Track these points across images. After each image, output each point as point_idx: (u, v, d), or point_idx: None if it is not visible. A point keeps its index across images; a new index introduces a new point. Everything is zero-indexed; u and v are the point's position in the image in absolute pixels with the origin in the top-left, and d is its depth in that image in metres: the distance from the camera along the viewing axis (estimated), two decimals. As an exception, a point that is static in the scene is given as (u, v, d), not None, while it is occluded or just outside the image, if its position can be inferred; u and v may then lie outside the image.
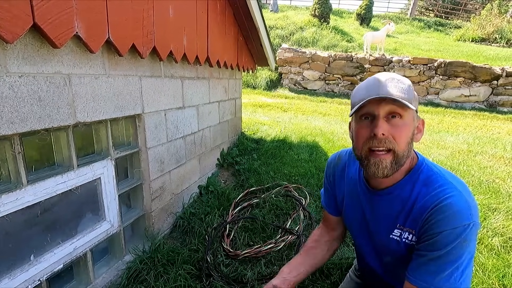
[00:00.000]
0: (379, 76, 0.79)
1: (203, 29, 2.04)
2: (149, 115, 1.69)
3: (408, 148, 0.79)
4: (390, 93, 0.74)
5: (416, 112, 0.80)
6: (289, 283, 0.97)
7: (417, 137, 0.83)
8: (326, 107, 6.67)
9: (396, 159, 0.78)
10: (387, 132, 0.76)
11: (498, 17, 11.48)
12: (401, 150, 0.77)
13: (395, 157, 0.77)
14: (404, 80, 0.78)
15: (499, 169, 2.83)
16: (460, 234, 0.72)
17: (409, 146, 0.79)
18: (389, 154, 0.77)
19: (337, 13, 13.41)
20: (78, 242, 1.35)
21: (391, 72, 5.40)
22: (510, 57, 8.67)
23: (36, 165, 1.18)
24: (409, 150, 0.80)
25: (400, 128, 0.76)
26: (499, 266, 1.57)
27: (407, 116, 0.76)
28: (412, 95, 0.76)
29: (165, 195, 1.95)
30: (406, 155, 0.79)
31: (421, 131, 0.84)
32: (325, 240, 1.13)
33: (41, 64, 1.06)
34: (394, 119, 0.76)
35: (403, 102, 0.73)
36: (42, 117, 1.08)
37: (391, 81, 0.76)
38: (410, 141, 0.79)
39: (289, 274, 1.00)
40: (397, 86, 0.75)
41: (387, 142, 0.76)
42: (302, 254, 1.10)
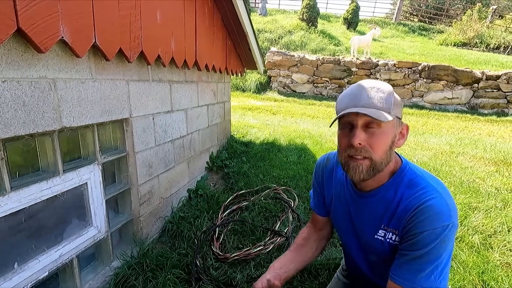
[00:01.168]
0: (361, 85, 0.81)
1: (191, 33, 2.05)
2: (137, 119, 1.68)
3: (386, 155, 0.82)
4: (369, 104, 0.77)
5: (398, 118, 0.82)
6: (280, 278, 0.99)
7: (399, 142, 0.85)
8: (315, 110, 6.75)
9: (374, 166, 0.82)
10: (364, 141, 0.80)
11: (478, 23, 11.93)
12: (378, 158, 0.81)
13: (372, 164, 0.81)
14: (385, 88, 0.80)
15: (479, 169, 2.94)
16: (440, 234, 0.76)
17: (387, 153, 0.82)
18: (366, 160, 0.81)
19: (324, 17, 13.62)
20: (63, 248, 1.33)
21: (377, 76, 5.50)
22: (489, 61, 9.01)
23: (20, 171, 1.16)
24: (388, 156, 0.83)
25: (377, 137, 0.79)
26: (479, 263, 1.63)
27: (385, 125, 0.79)
28: (391, 103, 0.78)
29: (153, 200, 1.94)
30: (384, 162, 0.82)
31: (404, 136, 0.86)
32: (314, 239, 1.16)
33: (26, 69, 1.05)
34: (372, 129, 0.79)
35: (377, 119, 0.75)
36: (26, 122, 1.07)
37: (371, 91, 0.78)
38: (388, 148, 0.81)
39: (280, 269, 1.02)
40: (376, 96, 0.78)
41: (363, 151, 0.80)
42: (292, 251, 1.12)
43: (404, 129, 0.85)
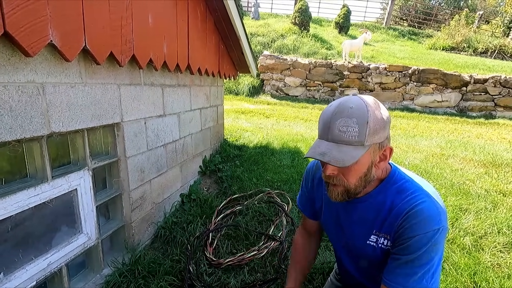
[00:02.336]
0: (336, 112, 0.76)
1: (184, 37, 2.04)
2: (129, 124, 1.66)
3: (361, 181, 0.82)
4: (339, 139, 0.75)
5: (379, 143, 0.78)
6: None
7: (379, 165, 0.83)
8: (308, 113, 6.79)
9: (347, 192, 0.84)
10: (337, 171, 0.81)
11: (465, 27, 12.23)
12: (352, 185, 0.82)
13: (346, 190, 0.83)
14: (360, 117, 0.73)
15: (469, 171, 2.99)
16: (431, 238, 0.76)
17: (362, 179, 0.82)
18: (340, 187, 0.83)
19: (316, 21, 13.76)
20: (52, 257, 1.29)
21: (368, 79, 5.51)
22: (477, 65, 9.23)
23: (7, 177, 1.13)
24: (364, 181, 0.83)
25: (349, 168, 0.79)
26: (470, 264, 1.65)
27: (361, 157, 0.76)
28: (365, 134, 0.73)
29: (145, 205, 1.91)
30: (360, 187, 0.83)
31: (386, 158, 0.83)
32: (310, 248, 1.19)
33: (13, 73, 1.02)
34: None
35: (341, 167, 0.74)
36: (13, 127, 1.04)
37: (343, 123, 0.74)
38: (363, 175, 0.81)
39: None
40: (349, 130, 0.74)
41: (335, 180, 0.83)
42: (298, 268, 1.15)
43: (386, 150, 0.81)
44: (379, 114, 0.76)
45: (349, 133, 0.74)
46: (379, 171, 0.86)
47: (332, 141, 0.76)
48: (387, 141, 0.81)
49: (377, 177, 0.87)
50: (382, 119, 0.76)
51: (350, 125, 0.74)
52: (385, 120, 0.77)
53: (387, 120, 0.78)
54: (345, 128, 0.74)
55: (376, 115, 0.75)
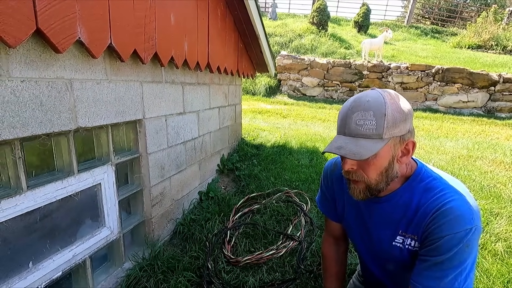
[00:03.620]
0: (352, 107, 0.74)
1: (204, 36, 2.06)
2: (150, 121, 1.69)
3: (382, 177, 0.79)
4: (356, 132, 0.73)
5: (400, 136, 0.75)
6: None
7: (402, 159, 0.79)
8: (325, 113, 6.69)
9: (369, 188, 0.81)
10: (356, 166, 0.79)
11: (493, 25, 11.63)
12: (373, 181, 0.79)
13: (367, 186, 0.80)
14: (377, 109, 0.71)
15: (500, 174, 2.83)
16: (463, 239, 0.72)
17: (384, 175, 0.78)
18: (361, 183, 0.81)
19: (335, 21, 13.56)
20: (77, 249, 1.33)
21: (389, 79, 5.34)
22: (506, 63, 8.76)
23: (36, 170, 1.17)
24: (387, 177, 0.79)
25: (368, 163, 0.76)
26: (503, 271, 1.55)
27: (381, 150, 0.73)
28: (383, 127, 0.71)
29: (165, 201, 1.94)
30: (382, 183, 0.80)
31: (409, 152, 0.79)
32: (340, 257, 1.15)
33: (43, 69, 1.06)
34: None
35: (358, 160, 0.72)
36: (43, 122, 1.08)
37: (360, 116, 0.72)
38: (384, 170, 0.77)
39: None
40: (366, 123, 0.72)
41: (355, 176, 0.80)
42: (335, 282, 1.13)
43: (409, 144, 0.77)
44: (398, 106, 0.73)
45: (366, 126, 0.72)
46: (403, 166, 0.82)
47: (350, 135, 0.74)
48: (410, 134, 0.77)
49: (401, 175, 0.83)
50: (402, 111, 0.73)
51: (367, 118, 0.72)
52: (405, 112, 0.74)
53: (408, 112, 0.75)
54: (362, 121, 0.72)
55: (395, 107, 0.72)
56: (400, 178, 0.83)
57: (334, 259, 1.13)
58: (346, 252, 1.18)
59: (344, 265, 1.17)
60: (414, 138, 0.79)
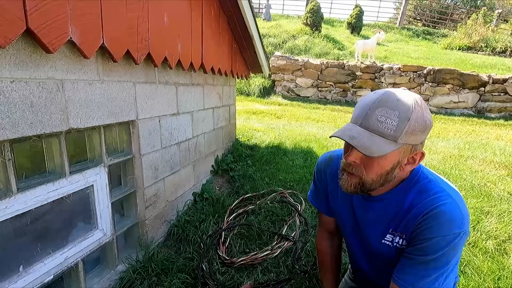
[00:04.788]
0: (381, 100, 0.72)
1: (198, 36, 2.05)
2: (143, 122, 1.67)
3: (380, 178, 0.78)
4: (374, 128, 0.71)
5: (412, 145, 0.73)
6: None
7: (405, 167, 0.78)
8: (319, 114, 6.72)
9: (363, 185, 0.79)
10: (359, 160, 0.77)
11: (483, 27, 11.87)
12: (369, 180, 0.78)
13: (361, 182, 0.79)
14: (404, 111, 0.69)
15: (490, 173, 2.88)
16: (450, 242, 0.73)
17: (382, 177, 0.78)
18: (356, 177, 0.79)
19: (328, 22, 13.66)
20: (69, 251, 1.31)
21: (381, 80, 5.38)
22: (495, 64, 8.94)
23: (27, 172, 1.15)
24: (383, 179, 0.79)
25: (372, 161, 0.75)
26: (494, 269, 1.58)
27: (390, 153, 0.72)
28: (401, 132, 0.69)
29: (159, 203, 1.92)
30: (377, 183, 0.79)
31: (414, 162, 0.78)
32: (335, 251, 1.16)
33: (34, 69, 1.04)
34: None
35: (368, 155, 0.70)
36: (34, 123, 1.06)
37: (384, 112, 0.70)
38: (385, 173, 0.77)
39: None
40: (387, 121, 0.70)
41: (355, 170, 0.79)
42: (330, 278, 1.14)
43: (417, 155, 0.77)
44: (424, 116, 0.72)
45: (387, 124, 0.69)
46: (403, 173, 0.82)
47: (366, 128, 0.72)
48: (421, 145, 0.76)
49: (398, 178, 0.83)
50: (425, 122, 0.72)
51: (390, 117, 0.69)
52: (427, 124, 0.73)
53: (429, 125, 0.73)
54: (384, 118, 0.70)
55: (421, 116, 0.71)
56: (396, 179, 0.83)
57: (329, 253, 1.14)
58: (341, 246, 1.18)
59: (339, 259, 1.17)
60: (422, 149, 0.78)
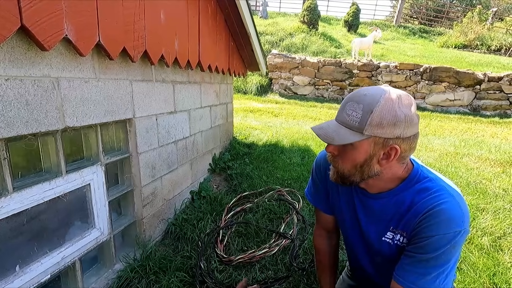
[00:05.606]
0: (350, 96, 0.79)
1: (195, 34, 2.04)
2: (140, 120, 1.66)
3: (355, 171, 0.82)
4: (343, 121, 0.78)
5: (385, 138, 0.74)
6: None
7: (382, 162, 0.79)
8: (317, 112, 6.74)
9: (342, 176, 0.85)
10: (337, 152, 0.83)
11: (478, 25, 11.94)
12: (346, 171, 0.83)
13: (340, 174, 0.85)
14: (368, 105, 0.73)
15: (485, 171, 2.91)
16: (451, 240, 0.73)
17: (357, 169, 0.81)
18: (335, 167, 0.87)
19: (325, 20, 13.66)
20: (66, 251, 1.30)
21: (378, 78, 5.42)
22: (491, 62, 9.01)
23: (23, 171, 1.14)
24: (360, 173, 0.81)
25: (346, 152, 0.80)
26: (489, 265, 1.60)
27: (357, 143, 0.76)
28: (365, 123, 0.72)
29: (156, 201, 1.91)
30: (356, 176, 0.83)
31: (389, 157, 0.77)
32: (332, 249, 1.17)
33: (29, 67, 1.03)
34: (346, 145, 0.79)
35: (330, 143, 0.79)
36: (29, 121, 1.05)
37: (351, 107, 0.76)
38: (358, 165, 0.80)
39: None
40: (353, 114, 0.75)
41: (333, 160, 0.86)
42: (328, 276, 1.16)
43: (391, 150, 0.76)
44: (393, 109, 0.71)
45: (352, 117, 0.75)
46: (393, 168, 0.81)
47: (338, 121, 0.79)
48: (399, 141, 0.74)
49: (396, 175, 0.84)
50: (395, 116, 0.71)
51: (356, 110, 0.75)
52: (399, 117, 0.71)
53: (402, 119, 0.71)
54: (351, 111, 0.76)
55: (388, 108, 0.71)
56: (395, 178, 0.84)
57: (327, 251, 1.15)
58: (338, 244, 1.19)
59: (337, 257, 1.18)
60: (407, 147, 0.76)
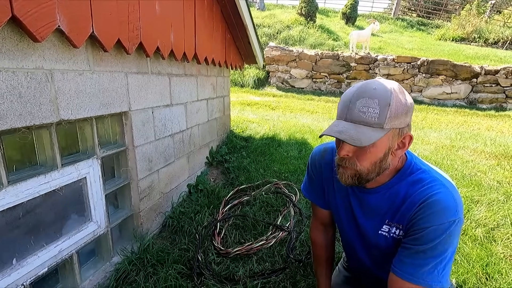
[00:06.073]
0: (359, 92, 0.74)
1: (191, 25, 2.01)
2: (136, 113, 1.65)
3: (374, 167, 0.79)
4: (358, 119, 0.73)
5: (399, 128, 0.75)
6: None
7: (396, 152, 0.80)
8: (314, 105, 6.73)
9: (359, 176, 0.81)
10: (352, 153, 0.78)
11: (476, 17, 11.90)
12: (365, 170, 0.79)
13: (357, 174, 0.81)
14: (383, 98, 0.71)
15: (480, 163, 2.93)
16: (446, 230, 0.74)
17: (377, 165, 0.79)
18: (351, 169, 0.81)
19: (323, 12, 13.53)
20: (63, 244, 1.30)
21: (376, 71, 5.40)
22: (488, 56, 9.01)
23: (17, 164, 1.13)
24: (379, 167, 0.80)
25: (365, 151, 0.77)
26: (482, 255, 1.63)
27: (379, 140, 0.74)
28: (385, 117, 0.71)
29: (153, 195, 1.91)
30: (373, 173, 0.80)
31: (404, 146, 0.80)
32: (329, 243, 1.18)
33: (21, 59, 1.01)
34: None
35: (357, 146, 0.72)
36: (23, 114, 1.03)
37: (365, 103, 0.72)
38: (378, 160, 0.78)
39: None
40: (369, 111, 0.72)
41: (348, 163, 0.80)
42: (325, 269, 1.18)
43: (406, 138, 0.79)
44: (402, 98, 0.74)
45: (369, 113, 0.72)
46: (396, 159, 0.83)
47: (351, 121, 0.74)
48: (408, 128, 0.78)
49: (392, 167, 0.84)
50: (405, 104, 0.74)
51: (371, 106, 0.72)
52: (408, 105, 0.75)
53: (410, 106, 0.76)
54: (366, 108, 0.72)
55: (399, 99, 0.73)
56: (390, 171, 0.85)
57: (323, 245, 1.17)
58: (334, 237, 1.21)
59: (333, 250, 1.20)
60: (410, 132, 0.80)
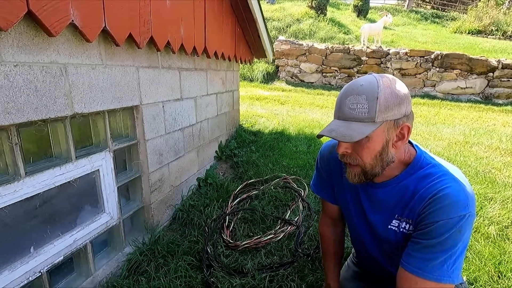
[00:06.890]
0: (346, 91, 0.77)
1: (201, 20, 2.01)
2: (147, 107, 1.67)
3: (376, 160, 0.79)
4: (349, 116, 0.75)
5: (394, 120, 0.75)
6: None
7: (397, 144, 0.79)
8: (324, 100, 6.66)
9: (365, 171, 0.81)
10: (350, 149, 0.80)
11: (495, 9, 11.48)
12: (367, 165, 0.80)
13: (363, 170, 0.81)
14: (369, 92, 0.72)
15: (495, 160, 2.86)
16: (456, 224, 0.73)
17: (378, 158, 0.79)
18: (356, 166, 0.82)
19: (334, 5, 13.29)
20: (77, 234, 1.35)
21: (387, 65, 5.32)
22: (506, 49, 8.70)
23: (34, 156, 1.16)
24: (382, 160, 0.80)
25: (362, 146, 0.77)
26: (495, 253, 1.60)
27: (374, 133, 0.75)
28: (375, 110, 0.72)
29: (164, 188, 1.95)
30: (378, 166, 0.81)
31: (403, 137, 0.79)
32: (338, 237, 1.18)
33: (37, 53, 1.04)
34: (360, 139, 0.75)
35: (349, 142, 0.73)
36: (39, 107, 1.06)
37: (352, 100, 0.74)
38: (378, 154, 0.78)
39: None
40: (358, 106, 0.73)
41: (349, 159, 0.82)
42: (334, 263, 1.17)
43: (404, 129, 0.77)
44: (393, 90, 0.74)
45: (359, 109, 0.74)
46: (400, 152, 0.83)
47: (343, 119, 0.76)
48: (406, 119, 0.77)
49: (400, 161, 0.84)
50: (397, 96, 0.74)
51: (360, 102, 0.73)
52: (401, 96, 0.74)
53: (404, 96, 0.75)
54: (355, 105, 0.74)
55: (390, 91, 0.73)
56: (399, 165, 0.84)
57: (332, 240, 1.17)
58: (344, 232, 1.20)
59: (342, 245, 1.20)
60: (411, 123, 0.79)
